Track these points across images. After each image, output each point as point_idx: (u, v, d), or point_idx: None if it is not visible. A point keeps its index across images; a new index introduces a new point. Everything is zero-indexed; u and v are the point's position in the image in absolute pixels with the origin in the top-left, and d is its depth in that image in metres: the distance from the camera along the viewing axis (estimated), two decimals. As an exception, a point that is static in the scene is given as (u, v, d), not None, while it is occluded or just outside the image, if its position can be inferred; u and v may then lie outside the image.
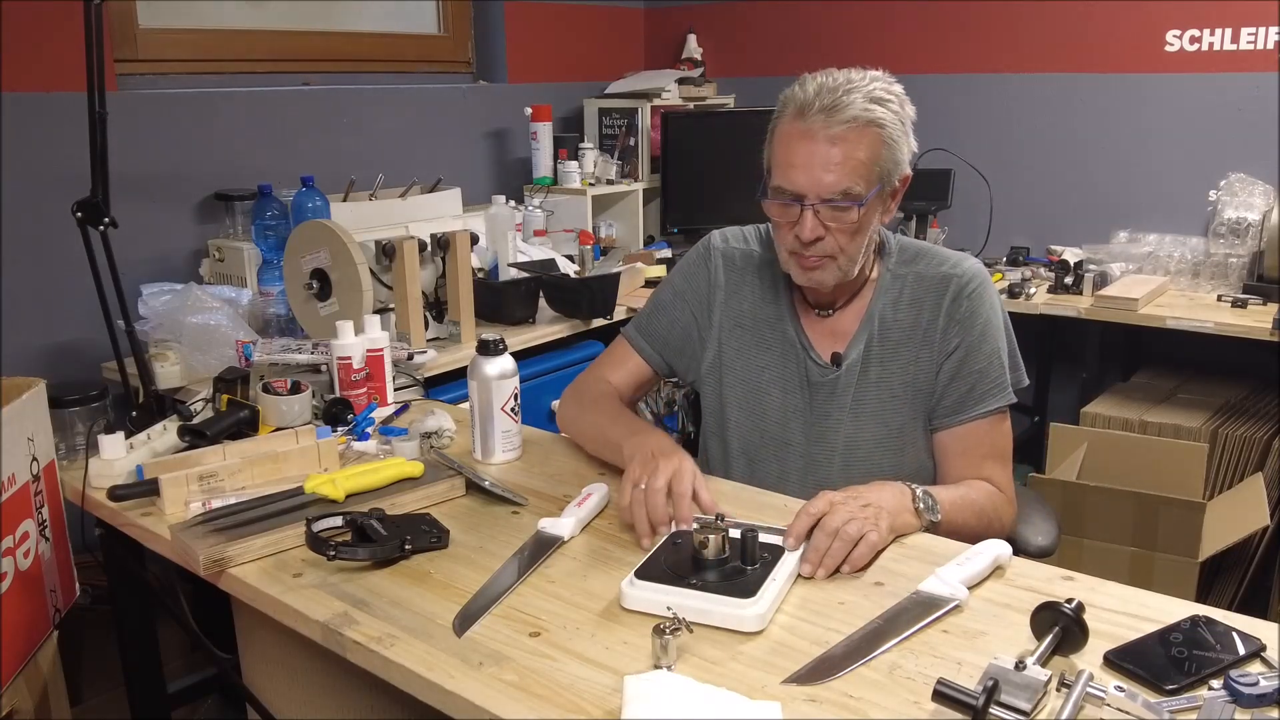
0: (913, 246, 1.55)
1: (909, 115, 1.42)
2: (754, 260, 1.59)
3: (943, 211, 3.21)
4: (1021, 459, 3.41)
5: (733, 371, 1.59)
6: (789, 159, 1.38)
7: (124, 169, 2.03)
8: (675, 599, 1.09)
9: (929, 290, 1.49)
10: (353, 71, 3.12)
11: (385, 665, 1.04)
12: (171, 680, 1.84)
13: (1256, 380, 2.92)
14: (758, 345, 1.57)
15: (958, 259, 1.51)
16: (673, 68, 3.77)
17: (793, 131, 1.38)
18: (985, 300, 1.48)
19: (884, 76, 1.41)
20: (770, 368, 1.56)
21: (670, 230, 3.43)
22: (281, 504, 1.34)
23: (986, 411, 1.48)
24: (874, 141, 1.37)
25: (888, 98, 1.39)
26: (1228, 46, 2.92)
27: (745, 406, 1.58)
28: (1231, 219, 2.85)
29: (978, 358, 1.47)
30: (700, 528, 1.15)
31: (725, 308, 1.59)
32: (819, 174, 1.36)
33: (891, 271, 1.52)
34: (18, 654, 1.41)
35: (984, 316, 1.47)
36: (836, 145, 1.35)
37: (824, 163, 1.36)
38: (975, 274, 1.49)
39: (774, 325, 1.56)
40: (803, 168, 1.37)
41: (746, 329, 1.58)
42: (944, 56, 3.40)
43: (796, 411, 1.54)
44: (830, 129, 1.35)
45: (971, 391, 1.48)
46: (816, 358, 1.53)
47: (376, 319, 1.80)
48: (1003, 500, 1.48)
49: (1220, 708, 0.91)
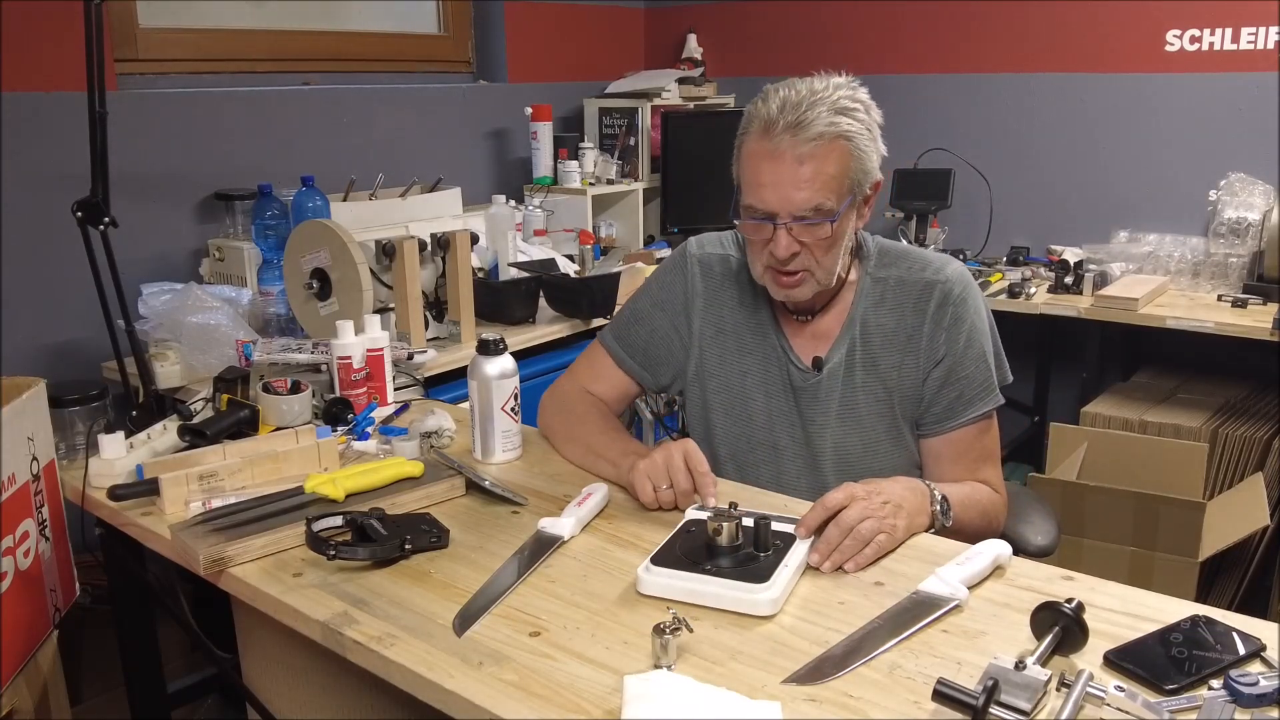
0: (892, 249, 1.54)
1: (876, 120, 1.40)
2: (731, 265, 1.59)
3: (943, 211, 3.21)
4: (1021, 459, 3.44)
5: (715, 378, 1.58)
6: (757, 179, 1.37)
7: (124, 169, 2.03)
8: (690, 584, 1.12)
9: (912, 295, 1.48)
10: (353, 71, 3.12)
11: (385, 665, 1.04)
12: (171, 680, 1.85)
13: (1256, 380, 2.92)
14: (739, 351, 1.57)
15: (940, 263, 1.50)
16: (673, 67, 3.77)
17: (760, 151, 1.36)
18: (970, 306, 1.47)
19: (848, 83, 1.39)
20: (752, 373, 1.56)
21: (670, 230, 3.44)
22: (281, 504, 1.34)
23: (976, 416, 1.48)
24: (842, 155, 1.35)
25: (853, 106, 1.37)
26: (1228, 46, 2.93)
27: (730, 412, 1.57)
28: (1231, 219, 2.85)
29: (965, 364, 1.47)
30: (714, 515, 1.17)
31: (705, 315, 1.59)
32: (789, 192, 1.35)
33: (871, 275, 1.51)
34: (18, 654, 1.41)
35: (969, 322, 1.47)
36: (805, 163, 1.34)
37: (793, 181, 1.34)
38: (959, 279, 1.48)
39: (754, 331, 1.56)
40: (771, 186, 1.35)
41: (727, 335, 1.57)
42: (944, 56, 3.40)
43: (782, 415, 1.54)
44: (798, 148, 1.33)
45: (960, 398, 1.47)
46: (797, 362, 1.53)
47: (376, 319, 1.80)
48: (1000, 501, 1.49)
49: (1220, 708, 0.91)
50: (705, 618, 1.09)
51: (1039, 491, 2.32)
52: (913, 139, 3.35)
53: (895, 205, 3.24)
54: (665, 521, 1.32)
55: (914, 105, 3.44)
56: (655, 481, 1.35)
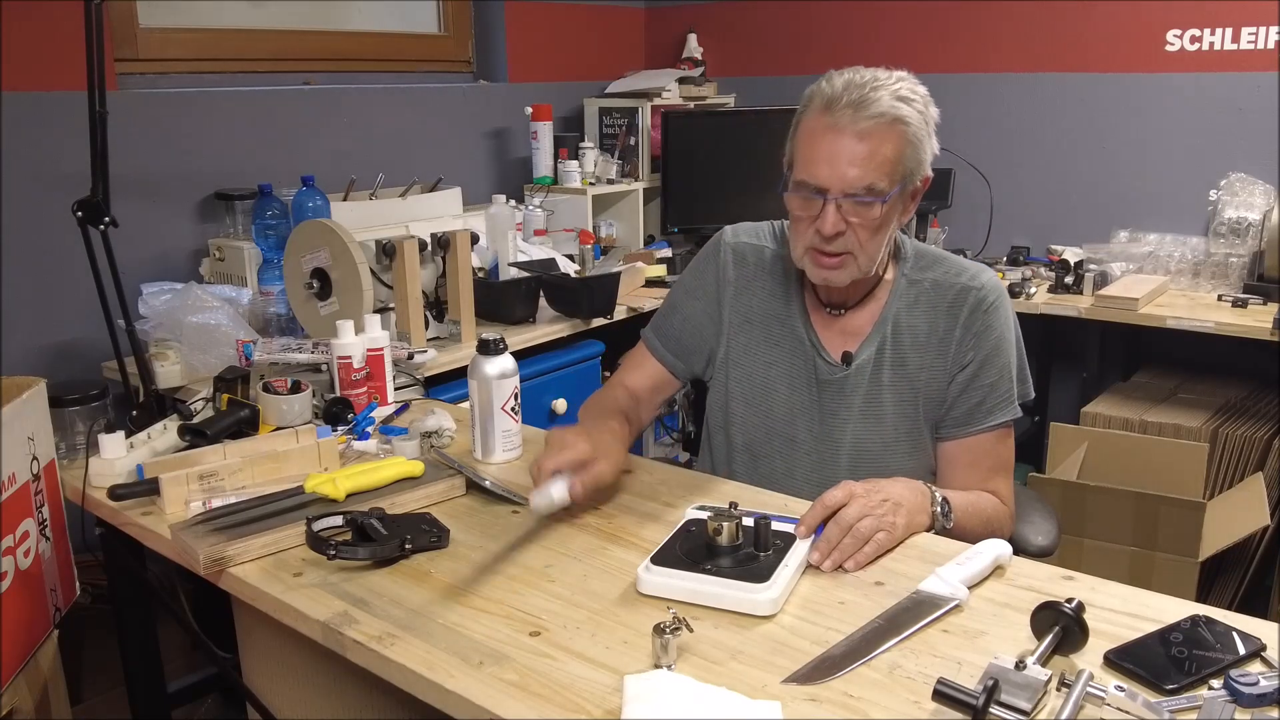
0: (929, 253, 1.54)
1: (933, 116, 1.42)
2: (765, 256, 1.59)
3: (943, 211, 3.21)
4: (1021, 459, 3.41)
5: (740, 366, 1.58)
6: (814, 153, 1.37)
7: (124, 169, 2.03)
8: (690, 584, 1.12)
9: (946, 299, 1.49)
10: (353, 71, 3.12)
11: (385, 665, 1.04)
12: (171, 680, 1.84)
13: (1256, 380, 2.92)
14: (766, 341, 1.57)
15: (976, 270, 1.50)
16: (673, 67, 3.76)
17: (818, 126, 1.37)
18: (1001, 316, 1.48)
19: (909, 77, 1.41)
20: (778, 364, 1.56)
21: (670, 230, 3.43)
22: (281, 503, 1.34)
23: (994, 425, 1.48)
24: (899, 139, 1.36)
25: (913, 97, 1.38)
26: (1228, 46, 2.92)
27: (751, 402, 1.57)
28: (1232, 219, 2.85)
29: (989, 372, 1.47)
30: (714, 515, 1.17)
31: (735, 303, 1.59)
32: (844, 169, 1.35)
33: (907, 277, 1.52)
34: (18, 653, 1.41)
35: (999, 332, 1.47)
36: (863, 141, 1.34)
37: (850, 157, 1.35)
38: (994, 288, 1.49)
39: (784, 322, 1.56)
40: (827, 162, 1.36)
41: (755, 325, 1.57)
42: (944, 56, 3.40)
43: (803, 409, 1.54)
44: (857, 124, 1.34)
45: (981, 405, 1.48)
46: (826, 356, 1.52)
47: (377, 318, 1.80)
48: (1006, 513, 1.49)
49: (1220, 707, 0.91)
50: (705, 617, 1.09)
51: (1039, 491, 2.32)
52: (913, 139, 3.35)
53: (895, 205, 3.24)
54: (665, 521, 1.33)
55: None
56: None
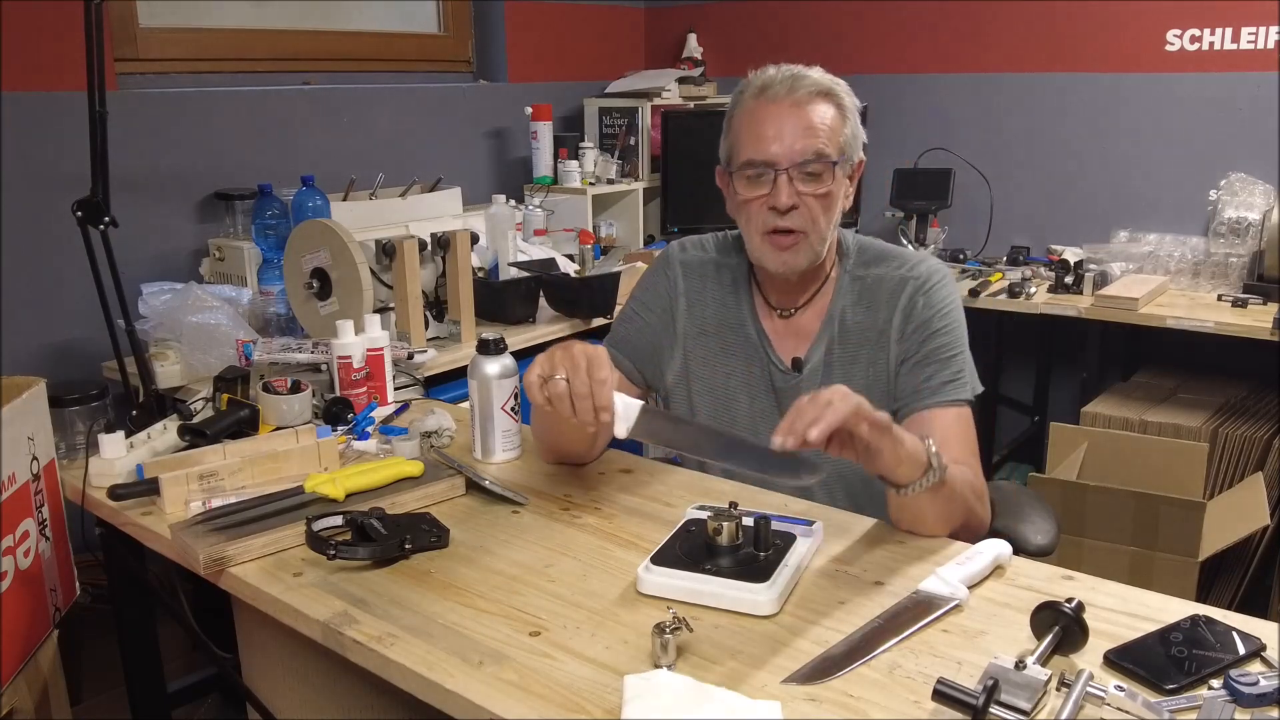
0: (871, 247, 1.55)
1: (856, 104, 1.48)
2: (711, 265, 1.60)
3: (943, 211, 3.21)
4: (1021, 459, 3.43)
5: (701, 379, 1.58)
6: (759, 131, 1.42)
7: (124, 168, 2.04)
8: (690, 584, 1.12)
9: (886, 292, 1.49)
10: (353, 71, 3.12)
11: (385, 665, 1.04)
12: (171, 680, 1.84)
13: (1256, 380, 2.92)
14: (723, 351, 1.57)
15: (916, 260, 1.51)
16: (673, 67, 3.77)
17: (757, 107, 1.43)
18: (940, 295, 1.48)
19: None
20: (736, 374, 1.56)
21: (670, 230, 3.43)
22: (281, 503, 1.34)
23: (949, 400, 1.43)
24: (837, 108, 1.44)
25: (837, 84, 1.46)
26: (1228, 46, 2.92)
27: (715, 414, 1.57)
28: (1231, 218, 2.85)
29: (935, 344, 1.45)
30: (714, 515, 1.17)
31: (688, 315, 1.59)
32: (789, 140, 1.40)
33: (850, 273, 1.53)
34: (18, 654, 1.41)
35: (938, 309, 1.47)
36: (803, 109, 1.41)
37: (794, 128, 1.40)
38: (932, 272, 1.49)
39: (736, 329, 1.56)
40: (774, 136, 1.41)
41: (710, 335, 1.58)
42: (945, 56, 3.40)
43: (765, 416, 1.53)
44: (795, 96, 1.41)
45: (930, 380, 1.44)
46: (778, 362, 1.53)
47: (376, 318, 1.81)
48: (984, 487, 1.42)
49: (1220, 707, 0.91)
50: (705, 617, 1.09)
51: (1039, 491, 2.31)
52: (913, 139, 3.35)
53: (895, 205, 3.24)
54: (665, 521, 1.32)
55: (914, 105, 3.44)
56: (545, 372, 1.24)
